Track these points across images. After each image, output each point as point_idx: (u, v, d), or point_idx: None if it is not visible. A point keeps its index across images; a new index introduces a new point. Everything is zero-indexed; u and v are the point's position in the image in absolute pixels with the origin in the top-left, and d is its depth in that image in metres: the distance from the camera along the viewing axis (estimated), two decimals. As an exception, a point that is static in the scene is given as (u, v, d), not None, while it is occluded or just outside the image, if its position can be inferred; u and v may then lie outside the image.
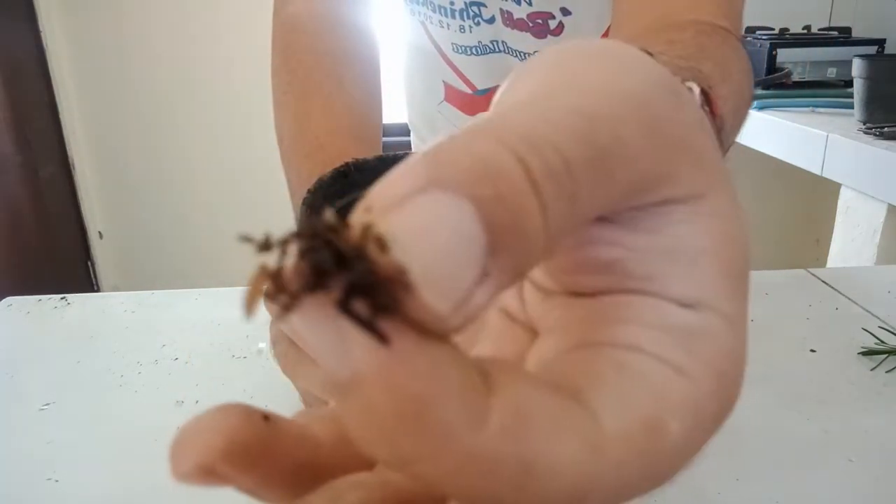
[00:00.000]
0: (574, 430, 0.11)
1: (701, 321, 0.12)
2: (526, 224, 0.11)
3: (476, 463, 0.10)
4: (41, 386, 0.47)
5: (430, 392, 0.09)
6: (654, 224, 0.13)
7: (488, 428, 0.10)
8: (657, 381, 0.12)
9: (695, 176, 0.13)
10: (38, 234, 2.03)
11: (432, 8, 0.68)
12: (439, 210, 0.10)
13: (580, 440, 0.11)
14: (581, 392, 0.12)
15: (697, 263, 0.13)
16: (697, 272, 0.13)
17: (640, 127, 0.12)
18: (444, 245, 0.10)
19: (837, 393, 0.45)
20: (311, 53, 0.56)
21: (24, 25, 2.03)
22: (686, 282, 0.13)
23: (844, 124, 1.34)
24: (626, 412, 0.11)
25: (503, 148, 0.11)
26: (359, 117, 0.54)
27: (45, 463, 0.39)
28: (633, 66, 0.13)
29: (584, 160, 0.11)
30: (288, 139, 0.53)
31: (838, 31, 1.76)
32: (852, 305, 0.57)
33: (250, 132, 2.20)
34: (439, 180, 0.10)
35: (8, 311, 0.59)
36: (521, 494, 0.10)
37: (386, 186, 0.11)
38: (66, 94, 2.18)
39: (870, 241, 1.24)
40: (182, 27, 2.14)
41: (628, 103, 0.12)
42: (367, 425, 0.10)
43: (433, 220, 0.10)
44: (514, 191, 0.10)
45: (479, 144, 0.11)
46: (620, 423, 0.11)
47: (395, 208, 0.10)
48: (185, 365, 0.50)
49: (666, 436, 0.12)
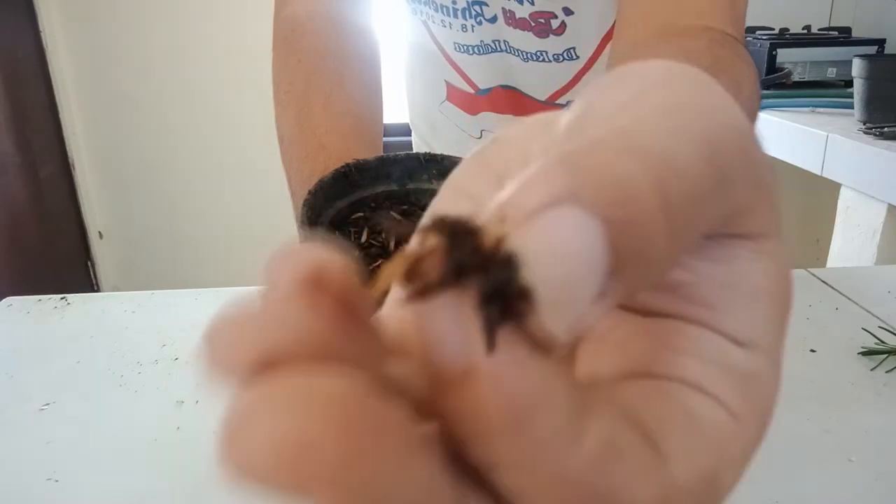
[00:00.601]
0: (652, 475, 0.11)
1: (754, 363, 0.12)
2: (652, 251, 0.11)
3: (564, 481, 0.10)
4: (41, 386, 0.47)
5: (537, 401, 0.10)
6: (721, 255, 0.13)
7: (583, 449, 0.10)
8: (719, 431, 0.12)
9: (768, 214, 0.13)
10: (38, 234, 2.03)
11: (434, 7, 0.68)
12: (571, 230, 0.10)
13: (656, 486, 0.11)
14: (653, 434, 0.12)
15: (756, 302, 0.13)
16: (755, 311, 0.13)
17: (742, 157, 0.12)
18: (570, 270, 0.10)
19: (837, 393, 0.45)
20: (311, 53, 0.56)
21: (24, 25, 2.03)
22: (743, 319, 0.13)
23: (844, 124, 1.34)
24: (693, 464, 0.12)
25: (644, 171, 0.10)
26: (360, 117, 0.54)
27: (45, 463, 0.39)
28: (725, 95, 0.13)
29: (711, 189, 0.11)
30: (288, 139, 0.53)
31: (838, 31, 1.76)
32: (852, 305, 0.57)
33: (250, 132, 2.20)
34: (577, 195, 0.10)
35: (8, 311, 0.59)
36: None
37: (522, 193, 0.10)
38: (66, 94, 2.18)
39: (870, 241, 1.24)
40: (182, 27, 2.14)
41: (734, 132, 0.12)
42: (471, 420, 0.10)
43: (564, 241, 0.10)
44: (647, 217, 0.10)
45: (621, 162, 0.11)
46: (687, 474, 0.11)
47: (528, 222, 0.10)
48: (185, 365, 0.50)
49: (720, 488, 0.12)
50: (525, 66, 0.69)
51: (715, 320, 0.13)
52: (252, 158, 2.22)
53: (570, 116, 0.12)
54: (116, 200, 2.33)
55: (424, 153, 0.42)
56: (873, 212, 1.22)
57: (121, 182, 2.31)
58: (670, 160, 0.11)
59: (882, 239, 1.21)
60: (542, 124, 0.15)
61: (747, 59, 0.45)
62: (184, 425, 0.42)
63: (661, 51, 0.44)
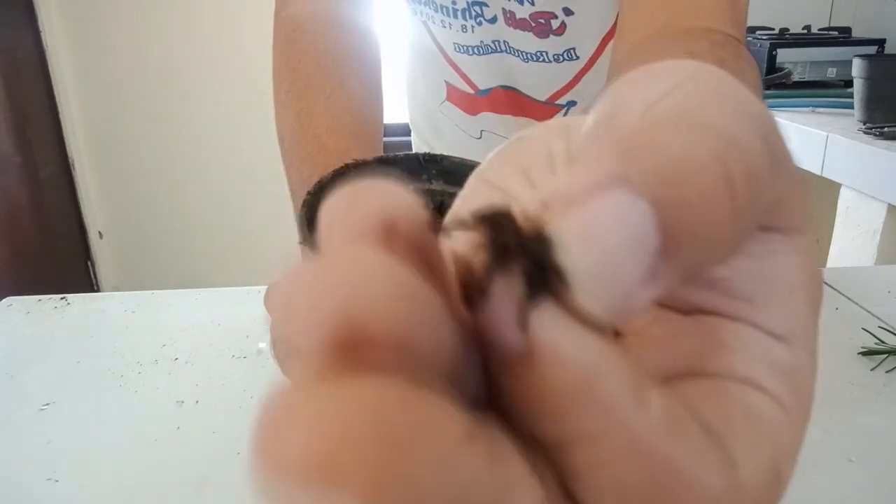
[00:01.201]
0: (717, 464, 0.11)
1: (795, 357, 0.13)
2: (714, 231, 0.10)
3: (634, 450, 0.10)
4: (41, 386, 0.47)
5: (600, 368, 0.10)
6: (757, 250, 0.13)
7: (650, 415, 0.10)
8: (775, 424, 0.12)
9: (800, 208, 0.13)
10: (38, 234, 2.03)
11: (434, 8, 0.68)
12: (609, 210, 0.10)
13: (723, 477, 0.11)
14: (715, 430, 0.12)
15: (793, 296, 0.13)
16: (793, 305, 0.13)
17: (783, 143, 0.12)
18: (607, 250, 0.10)
19: (837, 393, 0.45)
20: (312, 53, 0.56)
21: (24, 25, 2.03)
22: (783, 313, 0.13)
23: (844, 124, 1.34)
24: (757, 459, 0.12)
25: (705, 146, 0.10)
26: (360, 117, 0.54)
27: (45, 463, 0.39)
28: (750, 90, 0.13)
29: (768, 170, 0.11)
30: (289, 139, 0.53)
31: (838, 31, 1.76)
32: (852, 305, 0.57)
33: (250, 132, 2.20)
34: (625, 176, 0.10)
35: (8, 311, 0.59)
36: (659, 498, 0.10)
37: (568, 180, 0.10)
38: (66, 94, 2.18)
39: (870, 241, 1.24)
40: (182, 27, 2.14)
41: (772, 119, 0.12)
42: (539, 398, 0.10)
43: (601, 222, 0.10)
44: (709, 195, 0.10)
45: (678, 138, 0.10)
46: (753, 470, 0.12)
47: (569, 206, 0.10)
48: (185, 365, 0.50)
49: (782, 481, 0.12)
50: (525, 67, 0.69)
51: (755, 315, 0.13)
52: (252, 158, 2.22)
53: (596, 114, 0.12)
54: (116, 200, 2.33)
55: (424, 153, 0.42)
56: (873, 212, 1.22)
57: (121, 182, 2.31)
58: (731, 134, 0.11)
59: (882, 239, 1.21)
60: (563, 125, 0.15)
61: (750, 60, 0.45)
62: (184, 425, 0.42)
63: (665, 52, 0.44)
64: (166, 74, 2.18)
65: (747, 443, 0.12)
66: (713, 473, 0.11)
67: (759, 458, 0.12)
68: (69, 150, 2.20)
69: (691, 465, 0.11)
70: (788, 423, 0.12)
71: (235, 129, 2.23)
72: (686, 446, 0.10)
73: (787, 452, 0.12)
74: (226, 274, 2.35)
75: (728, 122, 0.11)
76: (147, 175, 2.30)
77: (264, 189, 2.20)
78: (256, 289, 0.60)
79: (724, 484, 0.11)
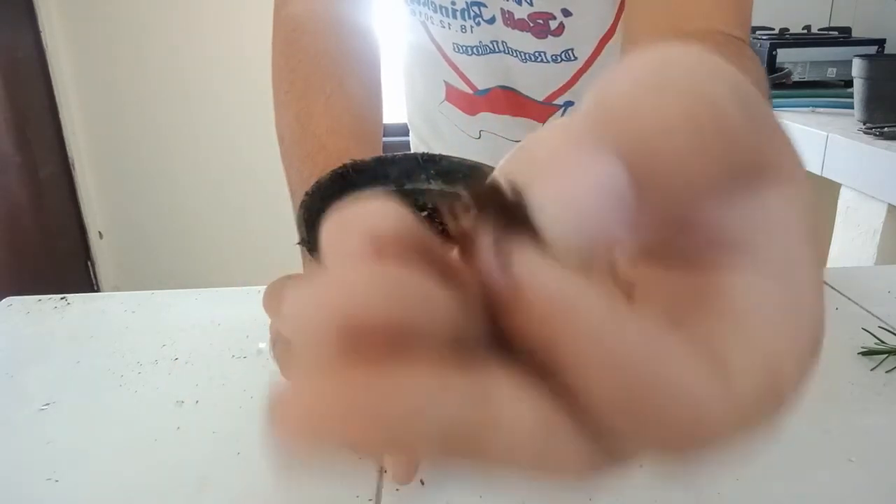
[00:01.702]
0: (706, 374, 0.12)
1: (795, 278, 0.14)
2: (684, 178, 0.12)
3: (618, 362, 0.11)
4: (41, 386, 0.47)
5: (576, 296, 0.11)
6: (748, 201, 0.14)
7: (630, 330, 0.11)
8: (773, 321, 0.13)
9: (792, 160, 0.14)
10: (38, 234, 2.03)
11: (433, 8, 0.68)
12: (579, 168, 0.12)
13: (712, 385, 0.12)
14: (708, 343, 0.13)
15: (788, 232, 0.14)
16: (788, 239, 0.14)
17: (764, 105, 0.14)
18: (571, 201, 0.12)
19: (837, 393, 0.45)
20: (311, 53, 0.56)
21: (24, 25, 2.03)
22: (779, 248, 0.14)
23: (844, 124, 1.34)
24: (751, 365, 0.13)
25: (677, 103, 0.12)
26: (360, 117, 0.54)
27: (45, 463, 0.39)
28: (725, 64, 0.14)
29: (742, 125, 0.12)
30: (289, 139, 0.54)
31: (838, 31, 1.76)
32: (852, 305, 0.57)
33: (250, 132, 2.20)
34: (598, 135, 0.12)
35: (8, 311, 0.59)
36: (655, 411, 0.11)
37: (545, 146, 0.13)
38: (66, 94, 2.18)
39: (870, 241, 1.24)
40: (182, 27, 2.14)
41: (748, 86, 0.13)
42: (532, 330, 0.12)
43: (570, 178, 0.12)
44: (677, 148, 0.12)
45: (649, 99, 0.12)
46: (748, 377, 0.13)
47: (545, 168, 0.12)
48: (185, 365, 0.50)
49: (782, 386, 0.13)
50: (523, 67, 0.69)
51: (748, 257, 0.14)
52: (252, 158, 2.22)
53: (588, 97, 0.14)
54: (116, 200, 2.33)
55: (422, 153, 0.42)
56: (873, 212, 1.22)
57: (121, 182, 2.31)
58: (702, 93, 0.12)
59: (882, 239, 1.21)
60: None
61: (753, 58, 0.45)
62: (184, 425, 0.42)
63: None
64: (166, 74, 2.18)
65: (741, 350, 0.13)
66: (703, 383, 0.12)
67: (753, 364, 0.13)
68: (69, 150, 2.20)
69: (679, 376, 0.11)
70: (792, 325, 0.13)
71: (235, 129, 2.23)
72: (672, 358, 0.11)
73: (788, 356, 0.13)
74: (226, 274, 2.35)
75: (702, 86, 0.12)
76: (147, 175, 2.30)
77: (264, 189, 2.20)
78: (256, 289, 0.60)
79: (717, 393, 0.12)
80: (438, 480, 0.36)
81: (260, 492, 0.36)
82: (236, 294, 0.61)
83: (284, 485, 0.37)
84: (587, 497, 0.34)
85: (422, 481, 0.36)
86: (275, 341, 0.38)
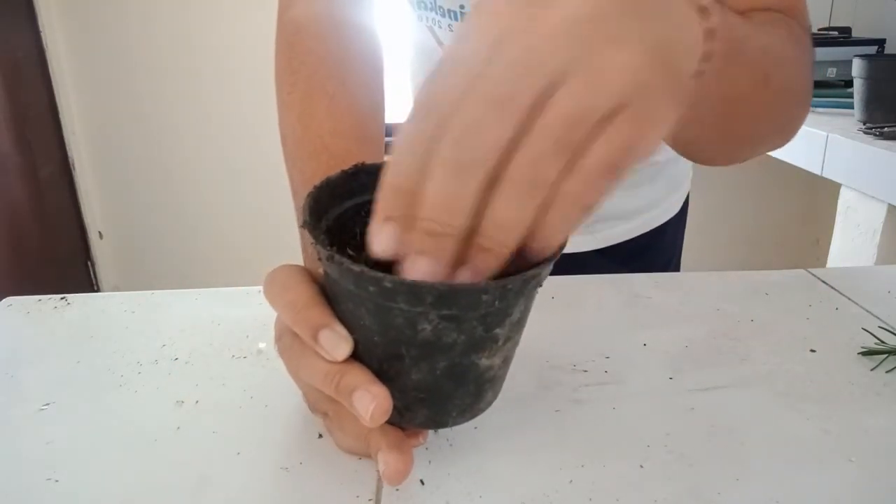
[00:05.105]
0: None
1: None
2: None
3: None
4: (41, 386, 0.47)
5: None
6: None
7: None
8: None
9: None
10: (38, 234, 2.03)
11: (441, 13, 0.68)
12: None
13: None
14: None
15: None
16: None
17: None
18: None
19: (837, 393, 0.45)
20: (314, 55, 0.56)
21: (24, 25, 2.03)
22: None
23: (844, 124, 1.34)
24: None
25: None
26: (363, 119, 0.54)
27: (45, 463, 0.39)
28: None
29: None
30: (291, 140, 0.54)
31: (838, 31, 1.76)
32: (852, 305, 0.57)
33: (251, 132, 2.20)
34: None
35: (8, 311, 0.59)
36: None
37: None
38: (66, 94, 2.18)
39: (870, 241, 1.24)
40: (183, 27, 2.14)
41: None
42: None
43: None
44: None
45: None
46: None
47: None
48: (185, 365, 0.50)
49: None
50: None
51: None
52: (252, 159, 2.22)
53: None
54: (116, 200, 2.33)
55: None
56: (873, 212, 1.22)
57: (121, 182, 2.31)
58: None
59: (882, 239, 1.21)
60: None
61: (802, 41, 0.46)
62: (184, 425, 0.42)
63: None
64: (166, 74, 2.18)
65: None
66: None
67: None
68: (69, 150, 2.20)
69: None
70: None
71: (236, 129, 2.23)
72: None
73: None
74: (226, 274, 2.35)
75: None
76: (147, 175, 2.30)
77: (264, 189, 2.20)
78: (256, 289, 0.60)
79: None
80: (438, 480, 0.36)
81: (260, 492, 0.36)
82: (236, 294, 0.61)
83: (284, 485, 0.37)
84: (587, 497, 0.34)
85: (422, 481, 0.36)
86: (280, 335, 0.38)
